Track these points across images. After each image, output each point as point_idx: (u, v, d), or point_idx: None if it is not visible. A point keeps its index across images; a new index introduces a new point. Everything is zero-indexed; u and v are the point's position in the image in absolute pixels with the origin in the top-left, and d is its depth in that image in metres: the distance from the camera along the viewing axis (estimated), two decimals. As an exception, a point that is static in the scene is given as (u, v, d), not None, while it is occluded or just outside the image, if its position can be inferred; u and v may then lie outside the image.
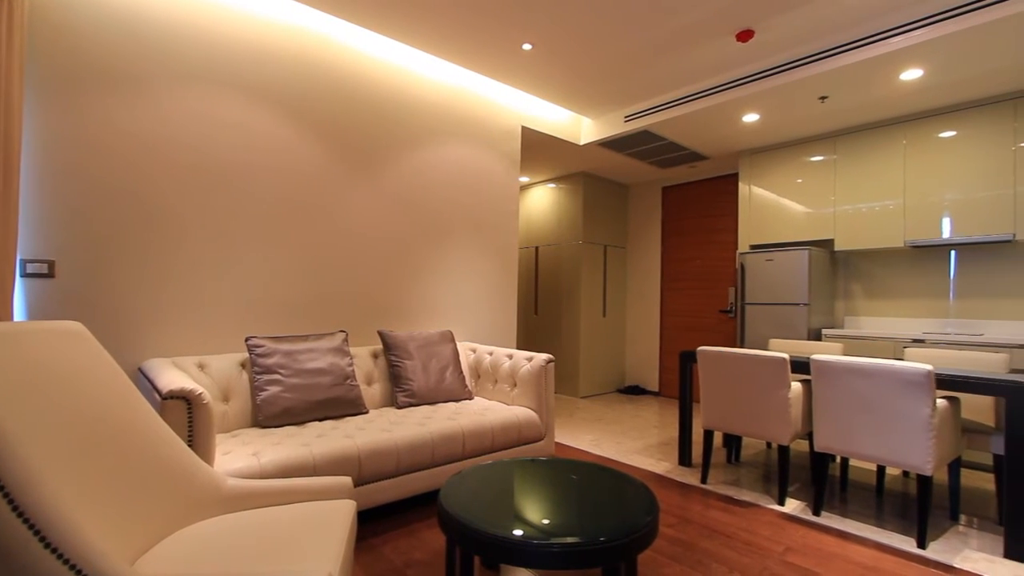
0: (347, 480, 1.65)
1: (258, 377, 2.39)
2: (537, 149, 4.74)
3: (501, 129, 3.94)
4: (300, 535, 1.30)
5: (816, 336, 3.98)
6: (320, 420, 2.48)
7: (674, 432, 4.06)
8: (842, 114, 3.80)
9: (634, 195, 6.11)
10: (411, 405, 2.83)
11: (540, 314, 5.94)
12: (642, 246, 6.00)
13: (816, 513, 2.49)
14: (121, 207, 2.32)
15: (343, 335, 2.76)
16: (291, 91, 2.84)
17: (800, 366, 2.67)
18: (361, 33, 3.13)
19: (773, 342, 3.61)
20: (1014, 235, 3.28)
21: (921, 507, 2.19)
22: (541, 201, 6.01)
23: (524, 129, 4.14)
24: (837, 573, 1.96)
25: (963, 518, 2.51)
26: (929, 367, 2.13)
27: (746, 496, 2.72)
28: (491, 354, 3.23)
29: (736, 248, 5.12)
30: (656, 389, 5.78)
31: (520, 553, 1.33)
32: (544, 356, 2.92)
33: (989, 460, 3.24)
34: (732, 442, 3.39)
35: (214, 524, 1.38)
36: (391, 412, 2.70)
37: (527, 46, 3.25)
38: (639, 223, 6.05)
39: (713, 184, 5.40)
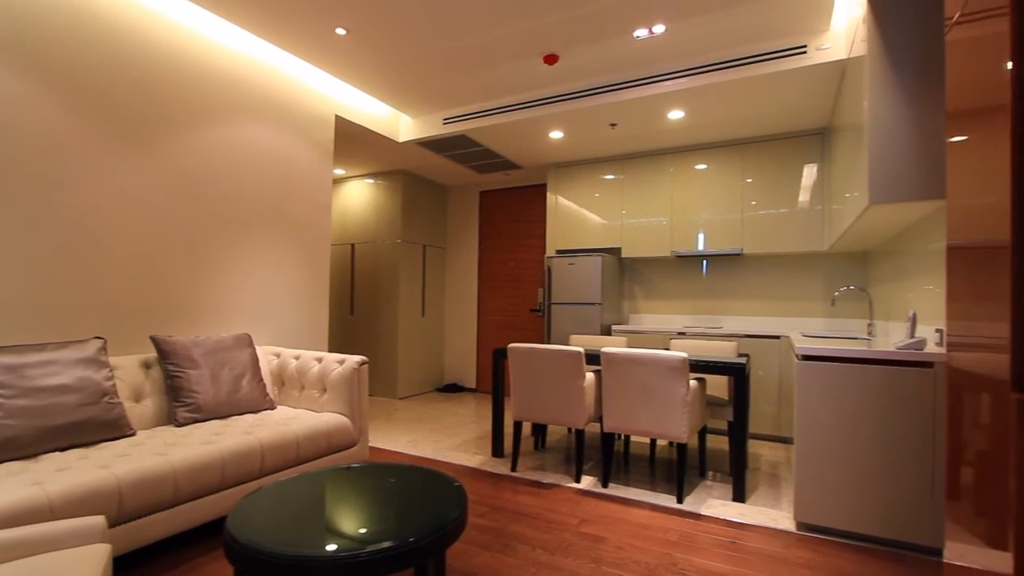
0: (98, 520, 1.35)
1: (-40, 401, 1.80)
2: (354, 142, 4.51)
3: (312, 115, 3.65)
4: (20, 600, 1.02)
5: (607, 331, 4.56)
6: (63, 450, 1.98)
7: (489, 426, 4.24)
8: (628, 140, 4.43)
9: (453, 197, 6.24)
10: (196, 421, 2.44)
11: (356, 314, 5.67)
12: (461, 247, 6.16)
13: (604, 485, 2.85)
14: None
15: (99, 343, 2.24)
16: (20, 29, 2.22)
17: (593, 358, 3.02)
18: (131, -22, 2.60)
19: (573, 338, 4.02)
20: (742, 250, 4.21)
21: (679, 469, 2.67)
22: (358, 196, 5.75)
23: (338, 118, 3.90)
24: (619, 535, 2.27)
25: (709, 474, 3.12)
26: (685, 355, 2.60)
27: (550, 478, 2.98)
28: (297, 358, 2.97)
29: (544, 252, 5.59)
30: (474, 386, 5.98)
31: (322, 570, 1.24)
32: (357, 358, 2.79)
33: (725, 426, 4.10)
34: (539, 431, 3.69)
35: None
36: (168, 431, 2.29)
37: (341, 31, 3.07)
38: (458, 224, 6.19)
39: (526, 192, 5.81)
